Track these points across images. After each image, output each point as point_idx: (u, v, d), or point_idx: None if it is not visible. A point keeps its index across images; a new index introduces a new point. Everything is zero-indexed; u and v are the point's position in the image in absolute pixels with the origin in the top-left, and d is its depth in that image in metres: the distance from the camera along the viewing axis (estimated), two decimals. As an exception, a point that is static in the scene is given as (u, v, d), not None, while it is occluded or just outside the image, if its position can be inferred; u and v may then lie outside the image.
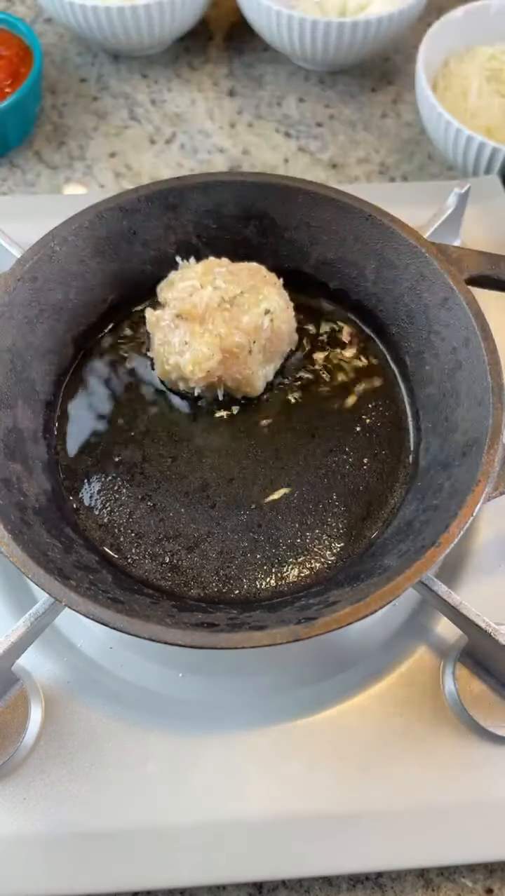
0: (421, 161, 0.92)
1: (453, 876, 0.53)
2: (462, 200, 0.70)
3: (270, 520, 0.58)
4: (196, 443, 0.61)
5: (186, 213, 0.65)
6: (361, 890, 0.53)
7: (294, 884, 0.53)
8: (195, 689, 0.56)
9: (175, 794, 0.52)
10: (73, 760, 0.53)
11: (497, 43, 0.89)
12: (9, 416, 0.57)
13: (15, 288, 0.58)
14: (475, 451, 0.52)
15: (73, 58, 1.01)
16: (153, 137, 0.93)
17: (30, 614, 0.51)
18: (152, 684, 0.56)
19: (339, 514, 0.58)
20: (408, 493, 0.59)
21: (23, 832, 0.51)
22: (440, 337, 0.60)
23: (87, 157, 0.91)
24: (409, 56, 1.02)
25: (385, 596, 0.47)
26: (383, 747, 0.53)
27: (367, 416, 0.63)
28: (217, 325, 0.59)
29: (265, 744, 0.53)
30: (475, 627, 0.52)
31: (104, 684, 0.56)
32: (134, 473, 0.60)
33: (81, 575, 0.51)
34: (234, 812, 0.51)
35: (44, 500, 0.56)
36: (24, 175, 0.90)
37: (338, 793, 0.52)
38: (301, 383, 0.64)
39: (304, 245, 0.66)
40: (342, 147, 0.93)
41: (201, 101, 0.97)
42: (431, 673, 0.56)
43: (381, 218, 0.62)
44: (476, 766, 0.53)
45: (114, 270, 0.65)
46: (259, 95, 0.97)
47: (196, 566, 0.56)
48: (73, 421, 0.62)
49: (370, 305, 0.66)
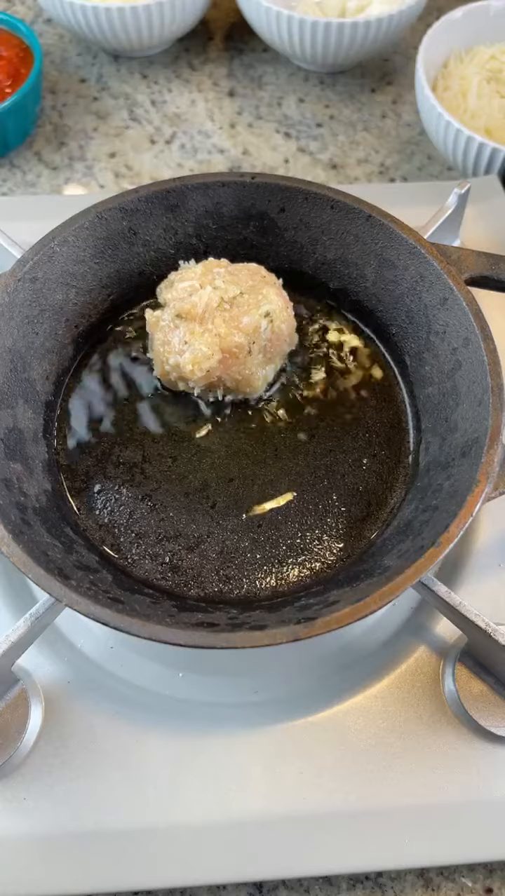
0: (421, 161, 0.92)
1: (453, 876, 0.53)
2: (462, 201, 0.70)
3: (269, 520, 0.58)
4: (196, 443, 0.61)
5: (186, 213, 0.65)
6: (360, 890, 0.53)
7: (294, 884, 0.53)
8: (195, 689, 0.56)
9: (175, 794, 0.52)
10: (73, 760, 0.53)
11: (497, 43, 0.89)
12: (9, 416, 0.57)
13: (15, 288, 0.59)
14: (475, 451, 0.52)
15: (73, 58, 1.01)
16: (153, 138, 0.94)
17: (30, 614, 0.51)
18: (152, 684, 0.56)
19: (338, 514, 0.58)
20: (407, 494, 0.59)
21: (23, 832, 0.51)
22: (440, 337, 0.60)
23: (88, 157, 0.92)
24: (409, 56, 1.02)
25: (385, 596, 0.47)
26: (383, 747, 0.53)
27: (367, 417, 0.63)
28: (217, 325, 0.59)
29: (265, 744, 0.53)
30: (475, 627, 0.52)
31: (104, 684, 0.56)
32: (134, 473, 0.60)
33: (81, 575, 0.51)
34: (234, 812, 0.51)
35: (44, 500, 0.56)
36: (24, 175, 0.90)
37: (338, 793, 0.52)
38: (301, 383, 0.64)
39: (304, 245, 0.66)
40: (342, 147, 0.93)
41: (201, 102, 0.97)
42: (431, 673, 0.56)
43: (381, 218, 0.62)
44: (476, 766, 0.53)
45: (114, 271, 0.65)
46: (259, 96, 0.97)
47: (196, 566, 0.56)
48: (73, 421, 0.62)
49: (370, 306, 0.66)
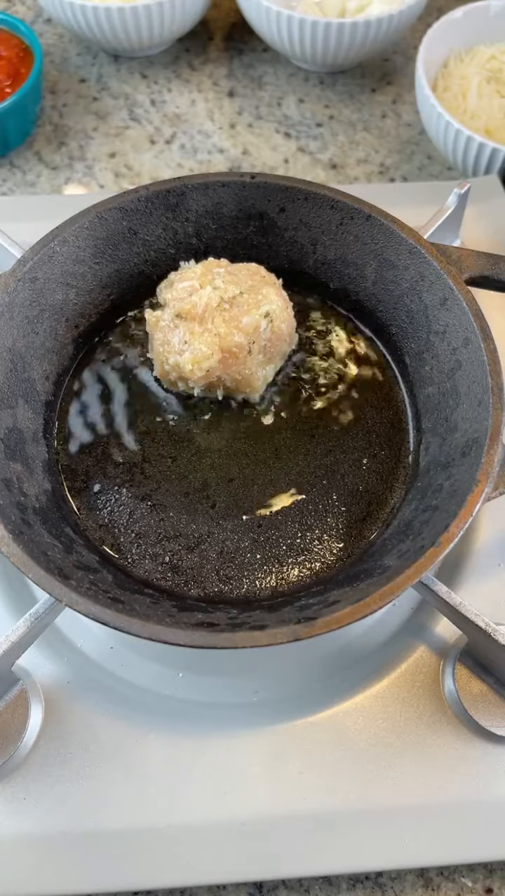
0: (421, 161, 0.92)
1: (453, 875, 0.53)
2: (462, 201, 0.70)
3: (269, 520, 0.58)
4: (196, 443, 0.61)
5: (186, 213, 0.65)
6: (360, 890, 0.53)
7: (294, 884, 0.53)
8: (195, 689, 0.56)
9: (175, 794, 0.52)
10: (73, 760, 0.53)
11: (497, 43, 0.89)
12: (9, 416, 0.57)
13: (15, 288, 0.59)
14: (475, 451, 0.52)
15: (73, 58, 1.01)
16: (153, 138, 0.94)
17: (30, 614, 0.51)
18: (152, 684, 0.56)
19: (338, 515, 0.58)
20: (408, 494, 0.59)
21: (23, 832, 0.51)
22: (440, 337, 0.60)
23: (88, 157, 0.91)
24: (409, 56, 1.02)
25: (385, 596, 0.47)
26: (383, 747, 0.53)
27: (367, 417, 0.63)
28: (217, 325, 0.59)
29: (265, 744, 0.53)
30: (475, 627, 0.52)
31: (104, 684, 0.56)
32: (134, 473, 0.60)
33: (81, 575, 0.51)
34: (233, 812, 0.51)
35: (44, 500, 0.56)
36: (24, 175, 0.90)
37: (338, 793, 0.52)
38: (301, 384, 0.64)
39: (304, 245, 0.66)
40: (342, 147, 0.93)
41: (201, 102, 0.97)
42: (431, 673, 0.56)
43: (381, 218, 0.62)
44: (476, 766, 0.53)
45: (114, 271, 0.65)
46: (259, 96, 0.97)
47: (196, 566, 0.56)
48: (74, 421, 0.62)
49: (370, 306, 0.66)
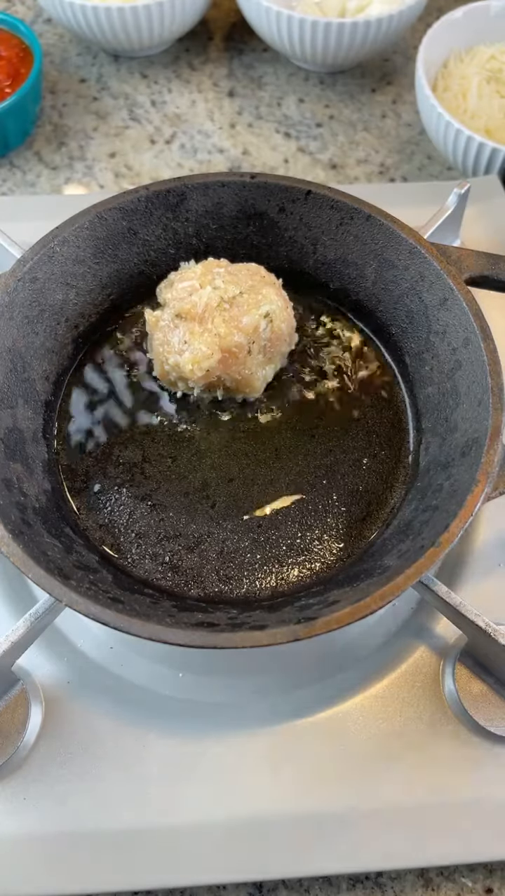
0: (421, 161, 0.92)
1: (453, 876, 0.53)
2: (462, 200, 0.70)
3: (269, 520, 0.58)
4: (196, 443, 0.61)
5: (186, 213, 0.65)
6: (360, 889, 0.53)
7: (294, 884, 0.53)
8: (195, 689, 0.56)
9: (175, 794, 0.52)
10: (73, 760, 0.53)
11: (497, 43, 0.89)
12: (9, 416, 0.57)
13: (15, 288, 0.59)
14: (475, 451, 0.52)
15: (73, 58, 1.01)
16: (153, 138, 0.94)
17: (30, 614, 0.51)
18: (152, 684, 0.56)
19: (338, 515, 0.58)
20: (408, 494, 0.59)
21: (23, 832, 0.51)
22: (440, 337, 0.60)
23: (87, 157, 0.91)
24: (409, 56, 1.02)
25: (385, 596, 0.47)
26: (383, 747, 0.53)
27: (367, 417, 0.63)
28: (216, 325, 0.59)
29: (265, 744, 0.53)
30: (475, 627, 0.52)
31: (104, 684, 0.56)
32: (134, 473, 0.60)
33: (81, 575, 0.51)
34: (234, 812, 0.51)
35: (44, 500, 0.56)
36: (24, 175, 0.90)
37: (338, 793, 0.52)
38: (301, 384, 0.64)
39: (304, 245, 0.66)
40: (342, 147, 0.93)
41: (201, 102, 0.97)
42: (431, 673, 0.56)
43: (381, 218, 0.62)
44: (476, 766, 0.53)
45: (114, 271, 0.65)
46: (259, 96, 0.97)
47: (196, 566, 0.56)
48: (73, 421, 0.62)
49: (370, 306, 0.66)
